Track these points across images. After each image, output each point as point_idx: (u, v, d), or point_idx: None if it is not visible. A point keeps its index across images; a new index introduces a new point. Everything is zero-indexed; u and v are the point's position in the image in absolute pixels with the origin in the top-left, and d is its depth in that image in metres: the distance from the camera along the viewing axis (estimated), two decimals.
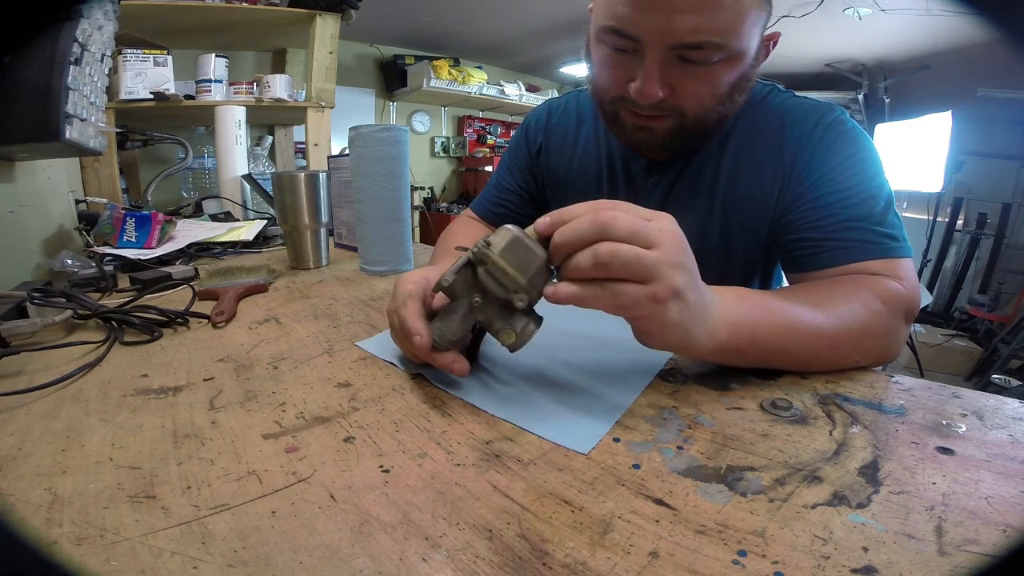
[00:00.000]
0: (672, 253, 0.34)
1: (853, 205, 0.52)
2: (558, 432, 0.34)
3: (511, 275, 0.35)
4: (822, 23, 2.54)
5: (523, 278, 0.35)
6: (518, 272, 0.35)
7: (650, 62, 0.50)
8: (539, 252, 0.35)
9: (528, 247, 0.35)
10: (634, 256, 0.33)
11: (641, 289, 0.33)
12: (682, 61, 0.50)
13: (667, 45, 0.49)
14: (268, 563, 0.23)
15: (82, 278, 0.73)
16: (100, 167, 1.45)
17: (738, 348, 0.39)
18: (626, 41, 0.51)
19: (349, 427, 0.35)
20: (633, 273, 0.33)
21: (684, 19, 0.46)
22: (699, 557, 0.24)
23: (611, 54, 0.54)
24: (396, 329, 0.43)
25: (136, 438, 0.34)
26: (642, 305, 0.34)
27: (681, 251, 0.35)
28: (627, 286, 0.34)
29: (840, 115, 0.59)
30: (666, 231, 0.35)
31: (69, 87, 0.63)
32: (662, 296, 0.33)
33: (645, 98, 0.51)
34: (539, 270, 0.35)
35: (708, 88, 0.52)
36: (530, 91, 3.49)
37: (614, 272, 0.33)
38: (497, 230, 0.37)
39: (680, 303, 0.35)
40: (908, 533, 0.24)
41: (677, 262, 0.34)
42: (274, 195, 0.85)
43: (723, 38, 0.48)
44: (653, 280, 0.33)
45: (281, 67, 2.10)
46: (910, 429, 0.34)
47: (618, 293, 0.34)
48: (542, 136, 0.78)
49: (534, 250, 0.35)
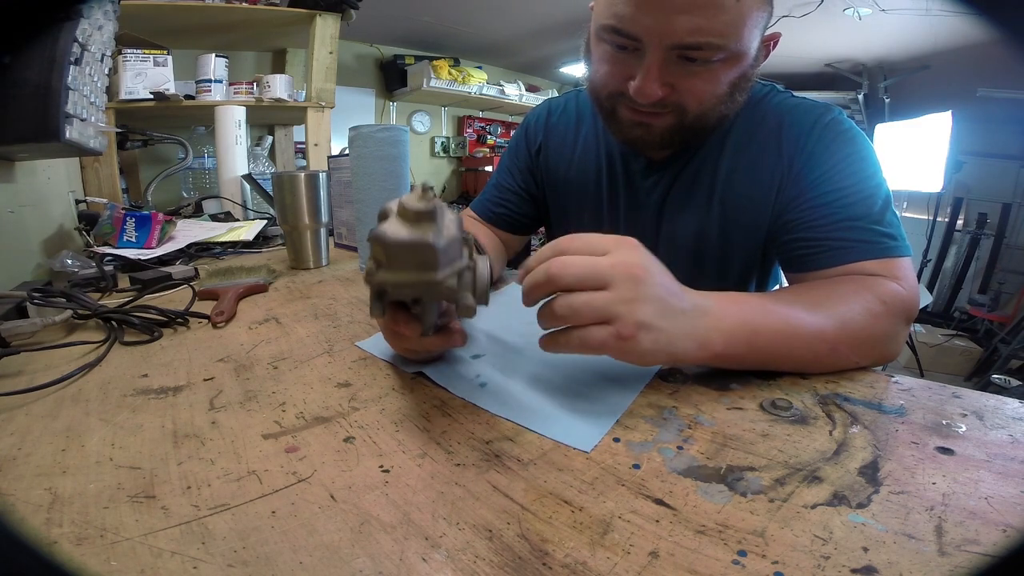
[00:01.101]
0: (625, 289, 0.34)
1: (851, 204, 0.52)
2: (560, 431, 0.34)
3: (418, 282, 0.31)
4: (822, 23, 2.54)
5: (431, 272, 0.30)
6: (421, 272, 0.30)
7: (650, 61, 0.50)
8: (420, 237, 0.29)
9: (405, 242, 0.29)
10: (585, 303, 0.34)
11: (605, 330, 0.34)
12: (682, 60, 0.50)
13: (667, 45, 0.49)
14: (268, 563, 0.23)
15: (82, 278, 0.73)
16: (100, 167, 1.45)
17: (736, 355, 0.39)
18: (626, 40, 0.51)
19: (349, 427, 0.35)
20: (591, 320, 0.34)
21: (685, 19, 0.46)
22: (699, 557, 0.24)
23: (611, 52, 0.54)
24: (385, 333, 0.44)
25: (136, 438, 0.34)
26: (611, 345, 0.34)
27: (637, 282, 0.35)
28: (591, 330, 0.34)
29: (838, 115, 0.59)
30: (619, 264, 0.35)
31: (69, 87, 0.63)
32: (626, 334, 0.34)
33: (644, 97, 0.52)
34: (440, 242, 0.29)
35: (708, 87, 0.52)
36: (530, 91, 3.49)
37: (575, 321, 0.35)
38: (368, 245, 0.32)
39: (651, 332, 0.35)
40: (908, 533, 0.24)
41: (632, 296, 0.34)
42: (274, 195, 0.85)
43: (723, 39, 0.48)
44: (614, 320, 0.34)
45: (281, 67, 2.10)
46: (910, 429, 0.34)
47: (585, 339, 0.35)
48: (542, 136, 0.78)
49: (416, 241, 0.29)
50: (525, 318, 0.54)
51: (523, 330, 0.51)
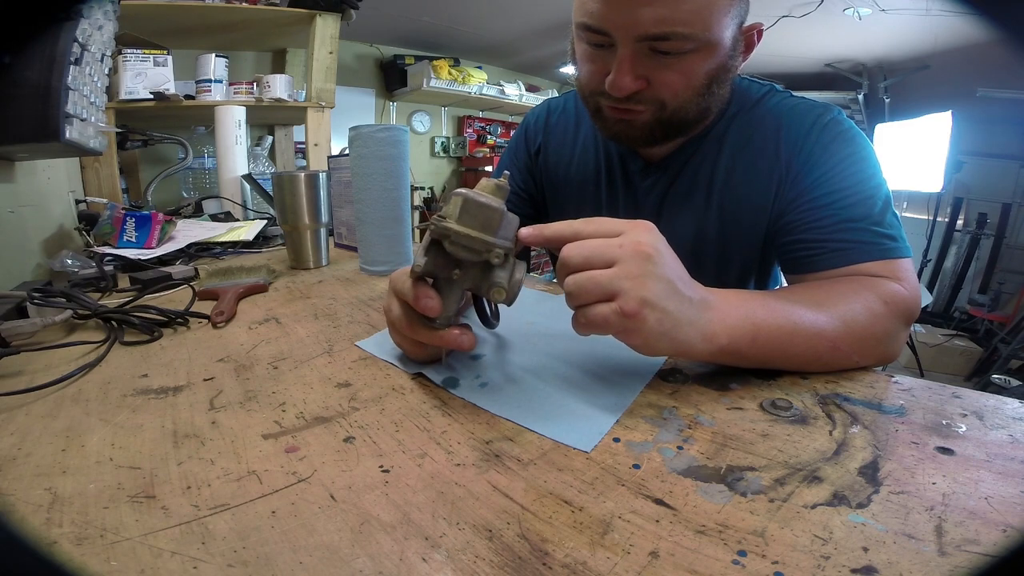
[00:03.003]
0: (632, 265, 0.34)
1: (851, 205, 0.52)
2: (560, 431, 0.34)
3: (477, 238, 0.34)
4: (822, 23, 2.54)
5: (490, 235, 0.34)
6: (483, 232, 0.34)
7: (621, 55, 0.51)
8: (495, 204, 0.35)
9: (482, 203, 0.34)
10: (588, 279, 0.35)
11: (608, 307, 0.34)
12: (655, 53, 0.51)
13: (634, 37, 0.50)
14: (268, 563, 0.23)
15: (82, 278, 0.73)
16: (100, 167, 1.45)
17: (739, 350, 0.39)
18: (599, 36, 0.52)
19: (349, 427, 0.35)
20: (596, 296, 0.35)
21: (649, 11, 0.48)
22: (699, 557, 0.24)
23: (589, 50, 0.56)
24: (394, 325, 0.42)
25: (136, 438, 0.34)
26: (614, 322, 0.35)
27: (645, 260, 0.35)
28: (595, 307, 0.35)
29: (837, 115, 0.59)
30: (628, 244, 0.35)
31: (69, 87, 0.63)
32: (629, 310, 0.34)
33: (617, 90, 0.53)
34: (504, 221, 0.35)
35: (683, 79, 0.53)
36: (530, 91, 3.49)
37: (582, 300, 0.35)
38: (448, 198, 0.36)
39: (656, 311, 0.35)
40: (908, 533, 0.24)
41: (639, 273, 0.34)
42: (274, 195, 0.85)
43: (690, 28, 0.49)
44: (618, 296, 0.34)
45: (281, 67, 2.10)
46: (910, 429, 0.34)
47: (588, 315, 0.35)
48: (541, 136, 0.78)
49: (490, 204, 0.35)
50: (525, 318, 0.54)
51: (524, 330, 0.51)
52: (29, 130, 0.61)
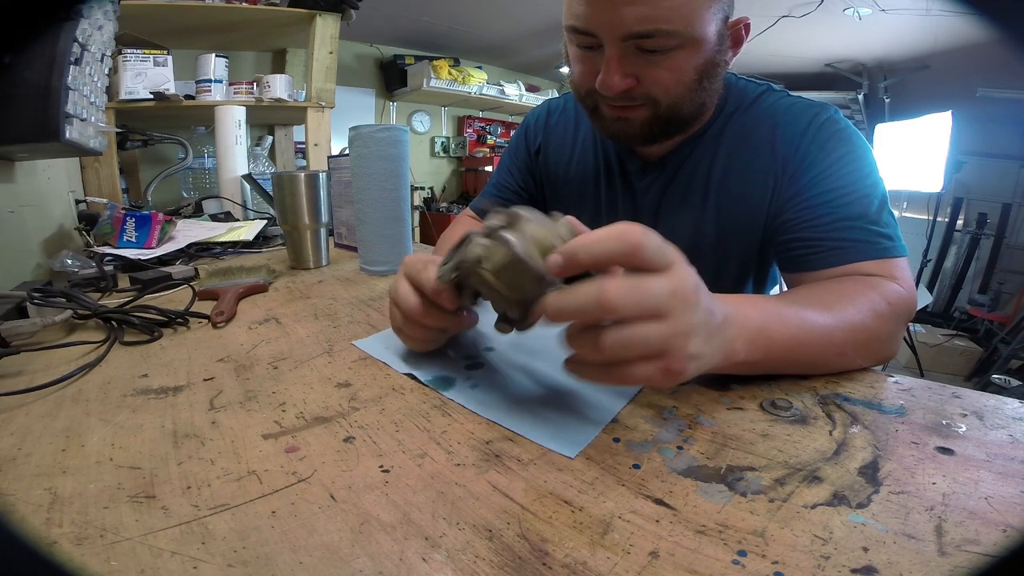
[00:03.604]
0: (684, 319, 0.30)
1: (848, 204, 0.52)
2: (546, 435, 0.34)
3: (504, 295, 0.33)
4: (822, 23, 2.54)
5: (516, 295, 0.33)
6: (511, 292, 0.33)
7: (609, 54, 0.52)
8: (540, 270, 0.31)
9: (526, 269, 0.31)
10: (642, 340, 0.29)
11: (653, 367, 0.30)
12: (641, 52, 0.52)
13: (620, 36, 0.50)
14: (268, 563, 0.23)
15: (82, 278, 0.73)
16: (100, 167, 1.45)
17: (753, 362, 0.38)
18: (586, 37, 0.53)
19: (349, 427, 0.35)
20: (641, 354, 0.30)
21: (631, 10, 0.48)
22: (699, 557, 0.24)
23: (579, 51, 0.56)
24: (403, 308, 0.42)
25: (136, 438, 0.34)
26: (657, 380, 0.31)
27: (692, 310, 0.31)
28: (638, 367, 0.30)
29: (833, 114, 0.59)
30: (679, 291, 0.30)
31: (69, 87, 0.63)
32: (676, 368, 0.30)
33: (607, 89, 0.53)
34: (535, 286, 0.32)
35: (672, 76, 0.53)
36: (530, 91, 3.49)
37: (622, 358, 0.30)
38: (500, 223, 0.33)
39: (696, 361, 0.32)
40: (908, 533, 0.24)
41: (687, 328, 0.30)
42: (274, 195, 0.85)
43: (673, 25, 0.49)
44: (665, 355, 0.30)
45: (281, 67, 2.10)
46: (910, 429, 0.34)
47: (627, 376, 0.30)
48: (541, 136, 0.78)
49: (537, 271, 0.31)
50: None
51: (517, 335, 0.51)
52: (29, 130, 0.61)
